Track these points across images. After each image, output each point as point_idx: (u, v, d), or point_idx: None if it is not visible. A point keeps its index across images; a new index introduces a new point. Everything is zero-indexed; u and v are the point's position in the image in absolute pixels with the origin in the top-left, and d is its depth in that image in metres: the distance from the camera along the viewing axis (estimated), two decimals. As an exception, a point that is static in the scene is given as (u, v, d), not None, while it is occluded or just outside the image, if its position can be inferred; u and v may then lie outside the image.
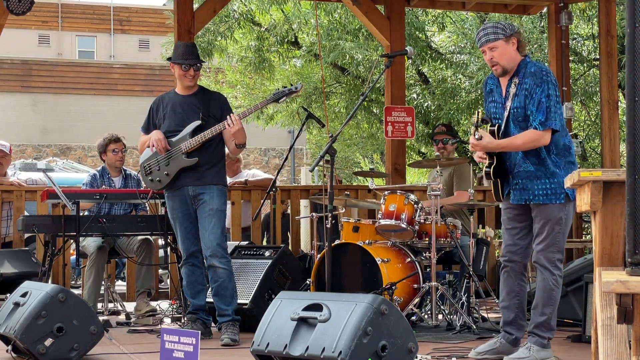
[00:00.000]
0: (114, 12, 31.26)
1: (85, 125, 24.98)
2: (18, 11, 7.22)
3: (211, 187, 5.59)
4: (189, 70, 5.65)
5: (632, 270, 2.59)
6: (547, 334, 4.60)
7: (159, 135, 5.63)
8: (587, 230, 10.50)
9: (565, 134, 4.64)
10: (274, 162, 26.41)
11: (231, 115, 5.51)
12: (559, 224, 4.57)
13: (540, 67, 4.61)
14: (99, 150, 7.17)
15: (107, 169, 7.17)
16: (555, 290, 4.60)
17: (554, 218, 4.57)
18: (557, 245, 4.59)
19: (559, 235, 4.59)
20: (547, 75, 4.54)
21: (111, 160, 7.13)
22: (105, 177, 7.14)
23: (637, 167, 2.53)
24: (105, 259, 6.82)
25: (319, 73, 14.63)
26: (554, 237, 4.58)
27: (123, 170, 7.22)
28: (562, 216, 4.58)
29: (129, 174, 7.24)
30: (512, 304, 4.75)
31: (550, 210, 4.57)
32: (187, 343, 3.76)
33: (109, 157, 7.13)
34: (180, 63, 5.64)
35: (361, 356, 3.52)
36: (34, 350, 4.46)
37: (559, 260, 4.62)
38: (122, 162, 7.18)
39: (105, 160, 7.16)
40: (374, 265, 5.94)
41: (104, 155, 7.15)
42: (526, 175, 4.62)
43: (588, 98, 13.50)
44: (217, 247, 5.53)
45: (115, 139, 7.13)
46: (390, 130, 8.40)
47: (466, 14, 12.87)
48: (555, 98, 4.52)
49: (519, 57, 4.64)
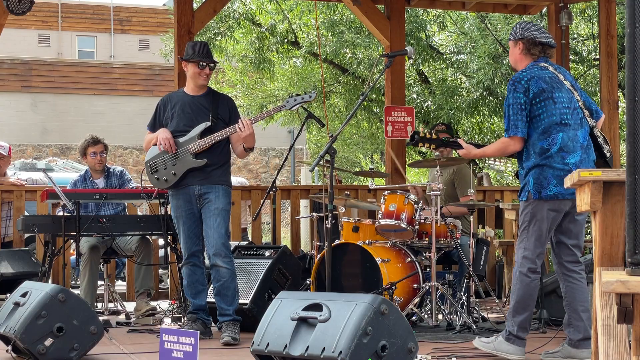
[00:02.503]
0: (114, 12, 31.26)
1: (85, 125, 24.92)
2: (18, 11, 7.22)
3: (217, 187, 5.59)
4: (205, 69, 5.66)
5: (632, 270, 2.59)
6: (509, 327, 4.71)
7: (166, 134, 5.62)
8: (587, 230, 10.50)
9: (545, 137, 4.67)
10: (274, 162, 26.40)
11: (243, 119, 5.51)
12: (523, 220, 4.72)
13: (513, 77, 4.74)
14: (80, 153, 7.15)
15: (90, 172, 7.17)
16: (517, 285, 4.71)
17: (521, 213, 4.77)
18: (523, 242, 4.72)
19: (524, 232, 4.72)
20: (512, 84, 4.69)
21: (90, 163, 7.11)
22: (88, 181, 7.12)
23: (637, 167, 2.53)
24: (99, 258, 6.79)
25: (318, 73, 14.63)
26: (520, 234, 4.75)
27: (106, 168, 7.19)
28: (526, 213, 4.71)
29: (111, 172, 7.19)
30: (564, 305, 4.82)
31: (520, 205, 4.79)
32: (186, 343, 3.76)
33: (88, 160, 7.11)
34: (197, 61, 5.64)
35: (361, 356, 3.52)
36: (34, 350, 4.46)
37: (524, 258, 4.70)
38: (101, 164, 7.13)
39: (86, 162, 7.16)
40: (374, 265, 5.94)
41: (84, 158, 7.13)
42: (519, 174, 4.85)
43: (588, 98, 13.48)
44: (221, 246, 5.53)
45: (93, 141, 7.09)
46: (390, 130, 8.41)
47: (466, 13, 12.86)
48: (518, 106, 4.65)
49: (525, 61, 4.78)
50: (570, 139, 4.67)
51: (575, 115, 4.73)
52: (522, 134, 4.64)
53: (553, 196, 4.62)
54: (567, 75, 4.83)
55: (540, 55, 4.79)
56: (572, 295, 4.74)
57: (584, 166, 4.66)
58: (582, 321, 4.68)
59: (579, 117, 4.74)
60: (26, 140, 24.89)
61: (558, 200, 4.63)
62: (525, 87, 4.65)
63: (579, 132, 4.71)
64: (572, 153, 4.66)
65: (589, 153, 4.74)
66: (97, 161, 7.09)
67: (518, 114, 4.64)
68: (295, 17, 14.42)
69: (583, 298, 4.73)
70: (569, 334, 4.73)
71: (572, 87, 4.79)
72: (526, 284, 4.68)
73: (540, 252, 4.71)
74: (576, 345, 4.68)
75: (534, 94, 4.66)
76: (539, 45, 4.77)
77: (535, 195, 4.64)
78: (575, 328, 4.70)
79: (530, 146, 4.69)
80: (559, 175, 4.60)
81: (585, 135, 4.74)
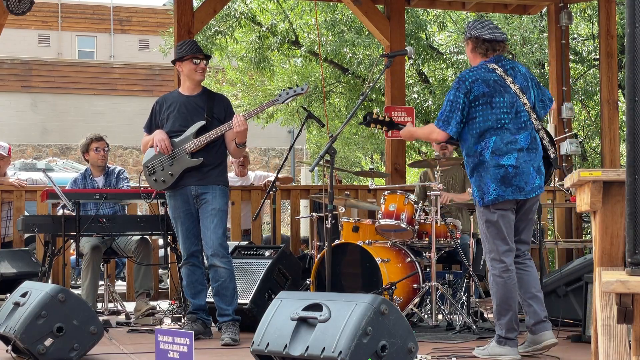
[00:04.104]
0: (114, 12, 31.25)
1: (85, 125, 24.92)
2: (18, 11, 7.22)
3: (214, 187, 5.59)
4: (200, 64, 5.66)
5: (632, 270, 2.59)
6: (498, 331, 4.77)
7: (162, 135, 5.62)
8: (587, 230, 10.50)
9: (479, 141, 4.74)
10: (274, 162, 26.40)
11: (238, 115, 5.52)
12: (481, 226, 4.84)
13: (460, 75, 4.82)
14: (82, 149, 7.16)
15: (90, 170, 7.17)
16: (493, 289, 4.78)
17: (479, 221, 4.88)
18: (486, 246, 4.82)
19: (484, 237, 4.82)
20: (457, 82, 4.79)
21: (93, 158, 7.12)
22: (88, 179, 7.13)
23: (637, 167, 2.53)
24: (101, 258, 6.80)
25: (319, 72, 14.63)
26: (482, 239, 4.87)
27: (106, 167, 7.20)
28: (479, 218, 4.85)
29: (110, 170, 7.21)
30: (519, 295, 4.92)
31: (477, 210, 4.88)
32: (181, 344, 3.76)
33: (91, 155, 7.12)
34: (191, 57, 5.64)
35: (361, 356, 3.52)
36: (34, 350, 4.46)
37: (492, 260, 4.79)
38: (104, 160, 7.15)
39: (88, 159, 7.16)
40: (374, 265, 5.94)
41: (87, 154, 7.14)
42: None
43: (588, 98, 13.50)
44: (219, 246, 5.53)
45: (97, 137, 7.13)
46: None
47: (466, 13, 12.86)
48: (456, 104, 4.73)
49: (476, 59, 4.87)
50: (504, 143, 4.71)
51: (517, 120, 4.76)
52: (450, 131, 4.76)
53: (494, 200, 4.71)
54: (517, 77, 4.82)
55: (491, 54, 4.83)
56: (519, 284, 4.82)
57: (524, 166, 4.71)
58: (530, 307, 4.78)
59: (521, 121, 4.77)
60: (26, 140, 24.89)
61: (500, 202, 4.72)
62: (467, 88, 4.73)
63: (520, 136, 4.74)
64: (506, 155, 4.70)
65: (532, 154, 4.76)
66: (100, 157, 7.11)
67: (454, 112, 4.74)
68: (296, 17, 14.43)
69: (530, 284, 4.81)
70: (526, 322, 4.81)
71: (520, 90, 4.79)
72: (502, 285, 4.74)
73: (506, 249, 4.75)
74: (532, 330, 4.79)
75: (475, 97, 4.73)
76: (485, 42, 4.82)
77: (480, 203, 4.76)
78: (528, 315, 4.79)
79: (466, 148, 4.81)
80: (496, 177, 4.69)
81: (527, 138, 4.77)
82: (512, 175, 4.68)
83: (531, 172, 4.71)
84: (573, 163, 8.78)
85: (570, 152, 8.45)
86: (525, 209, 4.83)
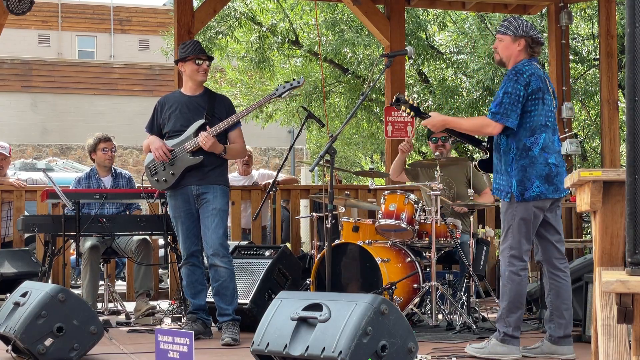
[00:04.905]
0: (114, 12, 31.25)
1: (85, 125, 24.94)
2: (18, 11, 7.22)
3: (215, 186, 5.60)
4: (203, 65, 5.66)
5: (632, 270, 2.59)
6: (502, 329, 4.73)
7: (157, 143, 5.63)
8: (587, 230, 10.50)
9: (530, 135, 4.72)
10: (274, 162, 26.40)
11: (202, 133, 5.50)
12: (507, 221, 4.75)
13: (516, 67, 4.75)
14: (89, 149, 7.17)
15: (96, 170, 7.17)
16: (508, 286, 4.74)
17: (504, 214, 4.78)
18: (508, 241, 4.75)
19: (509, 232, 4.75)
20: (515, 74, 4.69)
21: (101, 159, 7.12)
22: (94, 179, 7.13)
23: (637, 167, 2.53)
24: (99, 258, 6.80)
25: (319, 72, 14.63)
26: (505, 234, 4.76)
27: (113, 169, 7.21)
28: (509, 213, 4.75)
29: (119, 173, 7.22)
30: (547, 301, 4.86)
31: (502, 206, 4.81)
32: (181, 344, 3.76)
33: (98, 155, 7.12)
34: (194, 58, 5.65)
35: (361, 356, 3.52)
36: (34, 350, 4.46)
37: (512, 257, 4.74)
38: (111, 160, 7.16)
39: (95, 159, 7.16)
40: (374, 265, 5.94)
41: (94, 154, 7.14)
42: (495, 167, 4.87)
43: (588, 98, 13.50)
44: (219, 246, 5.53)
45: (105, 138, 7.13)
46: (390, 130, 8.41)
47: (466, 13, 12.87)
48: (516, 97, 4.66)
49: (520, 57, 4.80)
50: (550, 141, 4.75)
51: (555, 120, 4.83)
52: (512, 124, 4.68)
53: (536, 196, 4.69)
54: (549, 82, 4.90)
55: (535, 56, 4.85)
56: (556, 293, 4.79)
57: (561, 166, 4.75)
58: (564, 319, 4.76)
59: (556, 123, 4.85)
60: (26, 140, 24.89)
61: (541, 200, 4.70)
62: (526, 81, 4.69)
63: (555, 137, 4.81)
64: (552, 154, 4.74)
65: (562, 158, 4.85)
66: (108, 157, 7.12)
67: (514, 104, 4.67)
68: (296, 17, 14.43)
69: (567, 296, 4.80)
70: (550, 330, 4.80)
71: (553, 94, 4.87)
72: (517, 282, 4.73)
73: (527, 249, 4.76)
74: (557, 342, 4.76)
75: (532, 90, 4.71)
76: (538, 45, 4.83)
77: (519, 198, 4.70)
78: (557, 325, 4.77)
79: (513, 141, 4.73)
80: (541, 175, 4.68)
81: (559, 140, 4.85)
82: (555, 175, 4.70)
83: (565, 173, 4.74)
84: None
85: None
86: (553, 208, 4.83)
